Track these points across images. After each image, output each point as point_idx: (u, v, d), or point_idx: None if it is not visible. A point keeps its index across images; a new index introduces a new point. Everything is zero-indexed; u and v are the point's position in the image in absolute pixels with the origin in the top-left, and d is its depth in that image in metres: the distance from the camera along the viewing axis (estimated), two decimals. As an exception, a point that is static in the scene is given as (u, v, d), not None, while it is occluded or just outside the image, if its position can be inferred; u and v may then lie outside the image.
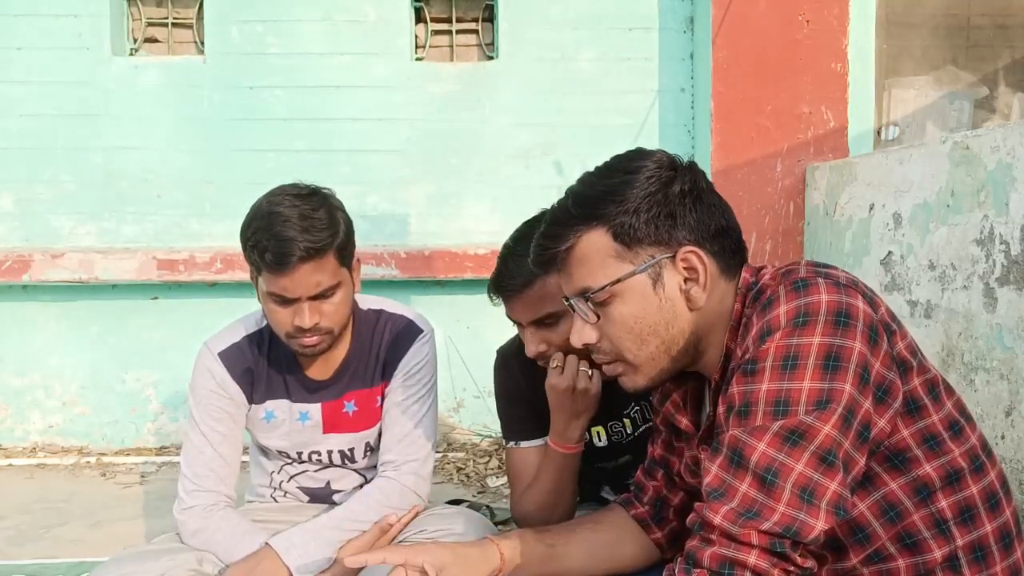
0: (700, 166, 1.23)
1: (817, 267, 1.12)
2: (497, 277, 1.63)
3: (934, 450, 1.07)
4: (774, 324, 1.04)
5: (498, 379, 1.87)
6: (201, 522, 1.73)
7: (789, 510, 0.97)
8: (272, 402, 1.81)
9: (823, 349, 1.00)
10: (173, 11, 3.56)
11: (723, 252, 1.17)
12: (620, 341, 1.17)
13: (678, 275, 1.14)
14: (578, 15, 3.46)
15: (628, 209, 1.13)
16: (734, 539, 0.98)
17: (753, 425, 1.02)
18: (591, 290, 1.15)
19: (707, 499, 1.03)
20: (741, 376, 1.05)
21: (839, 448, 0.99)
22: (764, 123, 3.06)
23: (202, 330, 1.92)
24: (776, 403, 1.01)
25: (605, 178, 1.18)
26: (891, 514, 1.07)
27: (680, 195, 1.14)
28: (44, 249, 3.34)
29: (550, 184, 3.46)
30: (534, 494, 1.72)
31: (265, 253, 1.57)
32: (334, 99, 3.45)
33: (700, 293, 1.15)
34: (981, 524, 1.08)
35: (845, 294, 1.04)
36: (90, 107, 3.41)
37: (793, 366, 1.01)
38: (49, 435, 3.46)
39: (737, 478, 1.01)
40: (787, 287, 1.07)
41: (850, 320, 1.02)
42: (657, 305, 1.14)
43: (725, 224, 1.18)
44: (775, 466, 0.99)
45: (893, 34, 3.47)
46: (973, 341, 1.93)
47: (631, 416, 1.81)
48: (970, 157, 1.94)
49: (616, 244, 1.14)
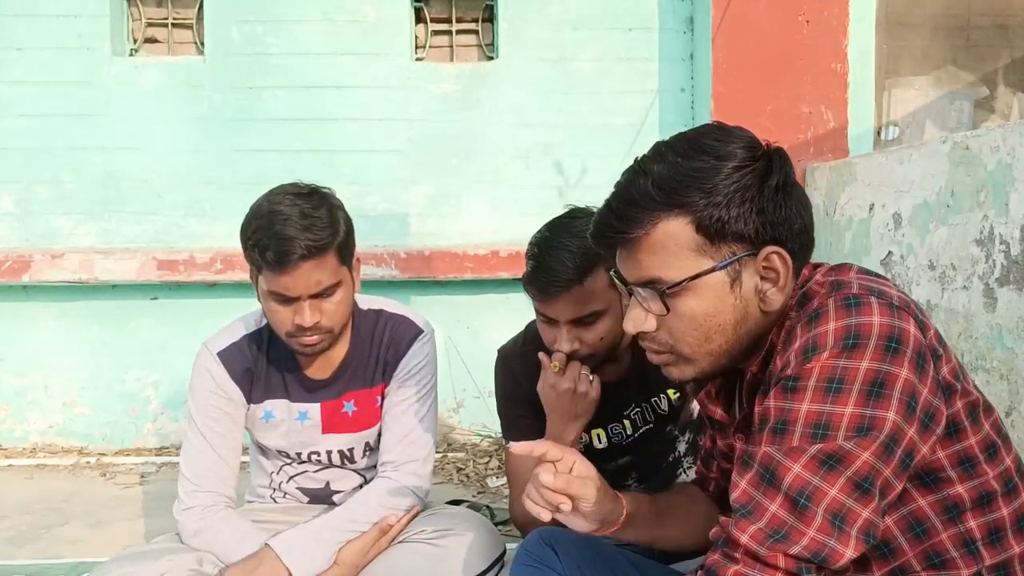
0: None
1: (869, 280, 1.07)
2: (539, 272, 1.58)
3: (968, 472, 1.04)
4: (821, 342, 0.98)
5: (498, 379, 1.87)
6: (200, 523, 1.73)
7: (820, 535, 0.95)
8: (271, 402, 1.81)
9: (870, 375, 0.96)
10: (173, 11, 3.56)
11: (801, 251, 1.10)
12: (683, 335, 1.09)
13: (756, 274, 1.07)
14: (578, 15, 3.46)
15: (718, 202, 1.04)
16: (760, 560, 0.96)
17: (789, 445, 0.98)
18: (664, 282, 1.07)
19: (734, 515, 1.00)
20: (780, 392, 1.00)
21: (877, 475, 0.96)
22: (764, 123, 3.06)
23: (202, 330, 1.92)
24: (816, 425, 0.97)
25: (691, 160, 1.06)
26: (917, 530, 1.05)
27: (774, 190, 1.06)
28: (44, 249, 3.34)
29: (550, 184, 3.46)
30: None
31: (266, 252, 1.57)
32: (334, 99, 3.45)
33: (777, 295, 1.08)
34: (1009, 546, 1.05)
35: (898, 317, 0.98)
36: (90, 107, 3.41)
37: (838, 390, 0.96)
38: (49, 435, 3.46)
39: (767, 497, 0.97)
40: (837, 302, 1.01)
41: (900, 346, 0.97)
42: (731, 304, 1.07)
43: (807, 221, 1.11)
44: (809, 490, 0.95)
45: (893, 34, 3.47)
46: (973, 341, 1.93)
47: (631, 417, 1.81)
48: (970, 157, 1.93)
49: (699, 236, 1.05)
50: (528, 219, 1.84)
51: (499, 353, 1.89)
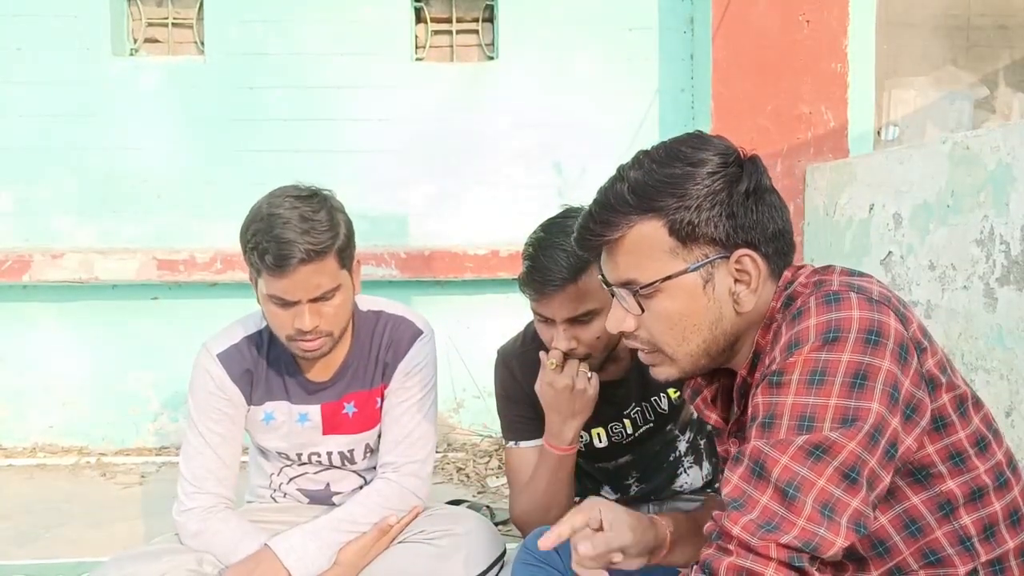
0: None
1: (851, 278, 1.10)
2: (535, 272, 1.58)
3: (959, 467, 1.05)
4: (803, 337, 1.02)
5: (498, 379, 1.87)
6: (200, 524, 1.73)
7: (810, 525, 0.96)
8: (271, 403, 1.81)
9: (852, 367, 0.99)
10: (173, 11, 3.56)
11: (776, 254, 1.14)
12: (660, 335, 1.14)
13: (729, 276, 1.12)
14: (578, 15, 3.46)
15: (689, 205, 1.09)
16: (752, 550, 0.97)
17: (777, 438, 1.00)
18: (638, 283, 1.12)
19: (727, 509, 1.02)
20: (767, 387, 1.04)
21: (863, 465, 0.98)
22: (764, 123, 3.06)
23: (202, 330, 1.91)
24: (801, 418, 0.99)
25: (665, 167, 1.11)
26: (912, 528, 1.06)
27: (744, 195, 1.10)
28: (44, 249, 3.34)
29: (550, 184, 3.46)
30: (529, 494, 1.72)
31: (265, 255, 1.56)
32: (334, 99, 3.45)
33: (749, 296, 1.12)
34: (1003, 541, 1.06)
35: (877, 311, 1.02)
36: (90, 107, 3.42)
37: (820, 382, 0.99)
38: (49, 435, 3.46)
39: (758, 489, 0.99)
40: (819, 299, 1.04)
41: (880, 338, 1.00)
42: (704, 305, 1.11)
43: (781, 226, 1.14)
44: (797, 480, 0.97)
45: (893, 34, 3.47)
46: (973, 341, 1.93)
47: (631, 417, 1.81)
48: (970, 157, 1.93)
49: (671, 239, 1.10)
50: (528, 219, 1.83)
51: (498, 353, 1.88)
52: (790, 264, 1.17)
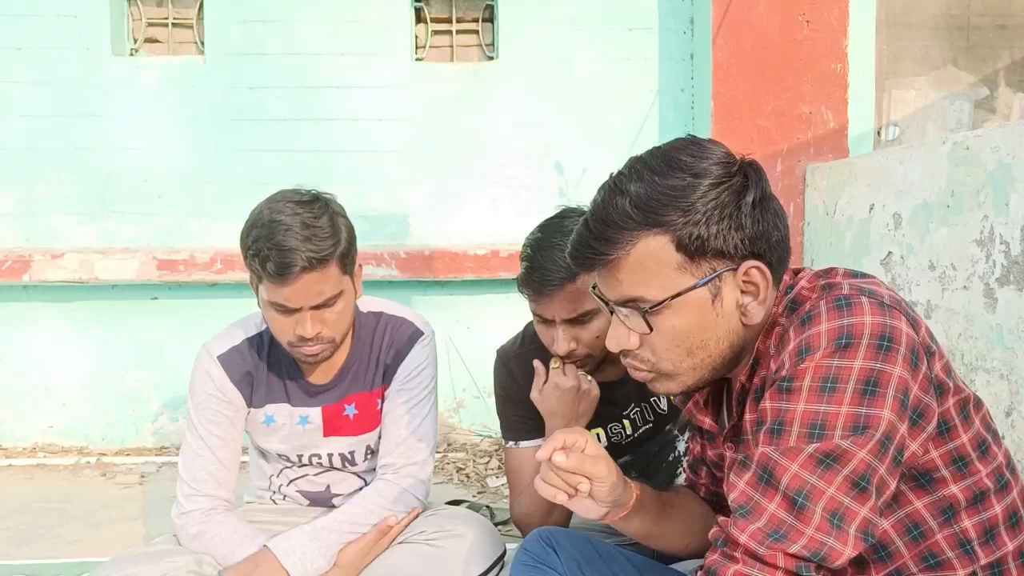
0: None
1: (859, 281, 1.08)
2: (532, 272, 1.58)
3: (961, 471, 1.05)
4: (814, 343, 1.00)
5: (498, 379, 1.87)
6: (199, 527, 1.73)
7: (818, 534, 0.95)
8: (272, 406, 1.80)
9: (864, 374, 0.97)
10: (173, 11, 3.56)
11: (779, 263, 1.11)
12: (665, 352, 1.10)
13: (736, 288, 1.08)
14: (578, 15, 3.46)
15: (697, 219, 1.04)
16: (759, 559, 0.96)
17: (786, 446, 0.99)
18: (646, 301, 1.07)
19: (733, 515, 1.00)
20: (776, 393, 1.01)
21: (873, 474, 0.96)
22: (764, 123, 3.06)
23: (202, 330, 1.91)
24: (812, 425, 0.98)
25: (667, 178, 1.06)
26: (915, 533, 1.06)
27: (751, 206, 1.07)
28: (44, 249, 3.34)
29: (550, 184, 3.46)
30: (530, 495, 1.72)
31: (266, 263, 1.54)
32: (334, 99, 3.45)
33: (758, 308, 1.09)
34: (1003, 544, 1.06)
35: (889, 316, 1.00)
36: (90, 107, 3.41)
37: (832, 389, 0.97)
38: (49, 435, 3.46)
39: (766, 497, 0.98)
40: (829, 303, 1.02)
41: (893, 344, 0.98)
42: (713, 319, 1.08)
43: (783, 233, 1.12)
44: (807, 489, 0.96)
45: (893, 34, 3.47)
46: (973, 341, 1.93)
47: (630, 417, 1.81)
48: (970, 157, 1.93)
49: (678, 254, 1.05)
50: (528, 219, 1.83)
51: (498, 354, 1.88)
52: (787, 270, 1.16)
